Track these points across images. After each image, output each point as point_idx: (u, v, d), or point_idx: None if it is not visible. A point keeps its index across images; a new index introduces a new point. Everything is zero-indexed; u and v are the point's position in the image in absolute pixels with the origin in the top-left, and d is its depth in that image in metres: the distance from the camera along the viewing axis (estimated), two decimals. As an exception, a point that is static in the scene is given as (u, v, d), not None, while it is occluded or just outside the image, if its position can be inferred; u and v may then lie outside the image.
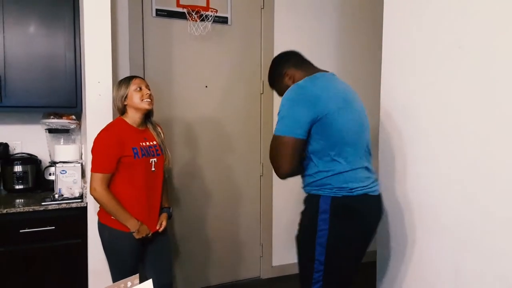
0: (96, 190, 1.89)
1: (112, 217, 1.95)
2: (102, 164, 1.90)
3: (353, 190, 1.59)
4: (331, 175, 1.60)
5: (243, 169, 3.12)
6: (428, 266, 1.76)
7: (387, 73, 2.02)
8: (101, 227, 2.02)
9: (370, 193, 1.65)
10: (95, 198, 1.92)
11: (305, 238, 1.69)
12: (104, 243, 2.02)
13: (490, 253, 1.49)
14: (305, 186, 1.73)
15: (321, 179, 1.62)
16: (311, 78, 1.64)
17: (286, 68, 1.75)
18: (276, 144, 1.60)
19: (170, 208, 2.17)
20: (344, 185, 1.59)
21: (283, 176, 1.65)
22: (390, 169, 2.00)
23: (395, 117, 1.96)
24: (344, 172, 1.59)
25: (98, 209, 2.04)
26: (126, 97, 1.96)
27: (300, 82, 1.62)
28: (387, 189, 2.03)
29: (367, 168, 1.67)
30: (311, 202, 1.68)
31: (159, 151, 2.04)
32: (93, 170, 1.90)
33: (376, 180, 1.72)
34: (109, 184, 1.93)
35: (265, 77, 3.10)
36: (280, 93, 1.76)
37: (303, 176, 1.73)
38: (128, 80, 1.99)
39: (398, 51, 1.94)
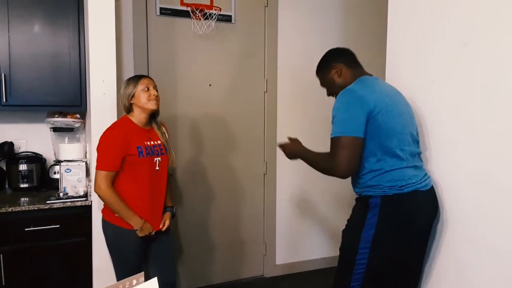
0: (100, 187, 1.90)
1: (116, 215, 1.96)
2: (107, 162, 1.91)
3: (403, 188, 1.61)
4: (378, 175, 1.62)
5: (247, 168, 3.12)
6: (431, 262, 1.76)
7: (391, 70, 2.01)
8: (105, 225, 2.03)
9: (421, 189, 1.64)
10: (99, 196, 1.93)
11: (351, 231, 1.72)
12: (108, 241, 2.03)
13: (493, 250, 1.48)
14: (355, 188, 1.76)
15: (370, 179, 1.64)
16: (358, 81, 1.70)
17: (336, 62, 1.81)
18: (339, 145, 1.57)
19: (173, 207, 2.18)
20: (393, 184, 1.61)
21: (345, 175, 1.63)
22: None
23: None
24: (391, 170, 1.61)
25: (103, 206, 2.05)
26: (133, 96, 1.96)
27: (349, 86, 1.67)
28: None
29: (415, 167, 1.67)
30: (362, 201, 1.71)
31: (164, 150, 2.05)
32: (98, 167, 1.91)
33: (426, 175, 1.71)
34: (114, 182, 1.94)
35: (269, 76, 3.11)
36: (322, 83, 1.86)
37: (352, 179, 1.75)
38: (136, 79, 1.99)
39: (403, 49, 1.93)
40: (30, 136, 2.60)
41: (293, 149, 1.86)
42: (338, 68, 1.79)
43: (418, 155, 1.73)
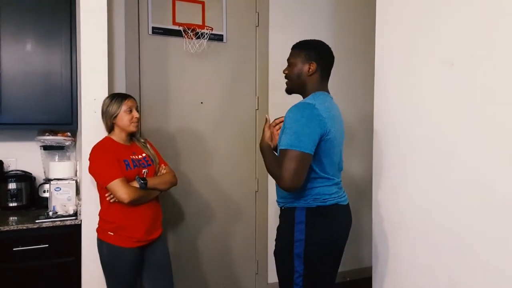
0: (126, 194, 1.88)
1: (110, 233, 1.96)
2: (112, 172, 1.91)
3: (326, 200, 1.69)
4: (308, 189, 1.68)
5: (239, 185, 3.11)
6: (424, 280, 1.76)
7: (380, 88, 2.05)
8: (100, 244, 2.02)
9: (340, 203, 1.74)
10: (132, 201, 1.90)
11: (283, 251, 1.75)
12: (103, 259, 2.03)
13: (485, 266, 1.49)
14: (279, 198, 1.80)
15: (297, 192, 1.68)
16: (318, 98, 1.71)
17: (318, 60, 1.75)
18: (289, 157, 1.58)
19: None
20: (318, 197, 1.68)
21: (290, 189, 1.62)
22: (384, 184, 2.01)
23: (389, 132, 1.98)
24: (320, 186, 1.69)
25: (97, 225, 2.05)
26: (116, 116, 2.00)
27: (311, 102, 1.67)
28: (381, 203, 2.04)
29: (338, 184, 1.77)
30: (287, 215, 1.75)
31: (150, 161, 2.10)
32: (108, 180, 1.90)
33: (344, 192, 1.82)
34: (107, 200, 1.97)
35: (260, 94, 3.14)
36: (291, 61, 1.78)
37: (277, 189, 1.79)
38: (120, 100, 2.03)
39: (391, 68, 1.97)
40: (20, 155, 2.58)
41: (266, 142, 1.79)
42: (314, 68, 1.74)
43: (340, 174, 1.81)
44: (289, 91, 1.85)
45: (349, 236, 1.82)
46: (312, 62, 1.74)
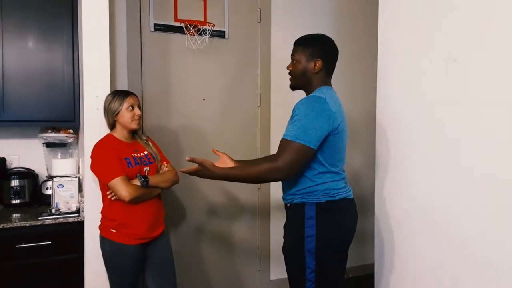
0: (127, 192, 1.88)
1: (112, 230, 1.96)
2: (113, 170, 1.91)
3: (335, 195, 1.69)
4: (317, 184, 1.68)
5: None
6: (425, 277, 1.76)
7: (382, 85, 2.04)
8: (102, 241, 2.03)
9: (348, 197, 1.75)
10: (133, 199, 1.90)
11: (293, 248, 1.74)
12: (105, 257, 2.03)
13: (487, 263, 1.49)
14: (286, 195, 1.79)
15: (307, 187, 1.69)
16: (328, 92, 1.70)
17: (324, 57, 1.74)
18: (291, 148, 1.59)
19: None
20: (327, 192, 1.68)
21: (285, 178, 1.69)
22: (386, 181, 2.01)
23: (391, 128, 1.98)
24: (329, 181, 1.69)
25: (100, 222, 2.05)
26: (118, 113, 2.00)
27: (322, 95, 1.67)
28: (383, 200, 2.03)
29: (344, 179, 1.78)
30: (295, 211, 1.74)
31: (152, 159, 2.10)
32: (109, 178, 1.90)
33: (349, 186, 1.82)
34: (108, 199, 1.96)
35: (262, 90, 3.13)
36: (296, 57, 1.78)
37: (284, 185, 1.79)
38: (122, 96, 2.02)
39: (394, 63, 1.96)
40: (23, 152, 2.59)
41: (211, 175, 1.80)
42: (320, 65, 1.73)
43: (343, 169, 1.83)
44: (293, 87, 1.85)
45: (352, 232, 1.82)
46: (318, 60, 1.74)
